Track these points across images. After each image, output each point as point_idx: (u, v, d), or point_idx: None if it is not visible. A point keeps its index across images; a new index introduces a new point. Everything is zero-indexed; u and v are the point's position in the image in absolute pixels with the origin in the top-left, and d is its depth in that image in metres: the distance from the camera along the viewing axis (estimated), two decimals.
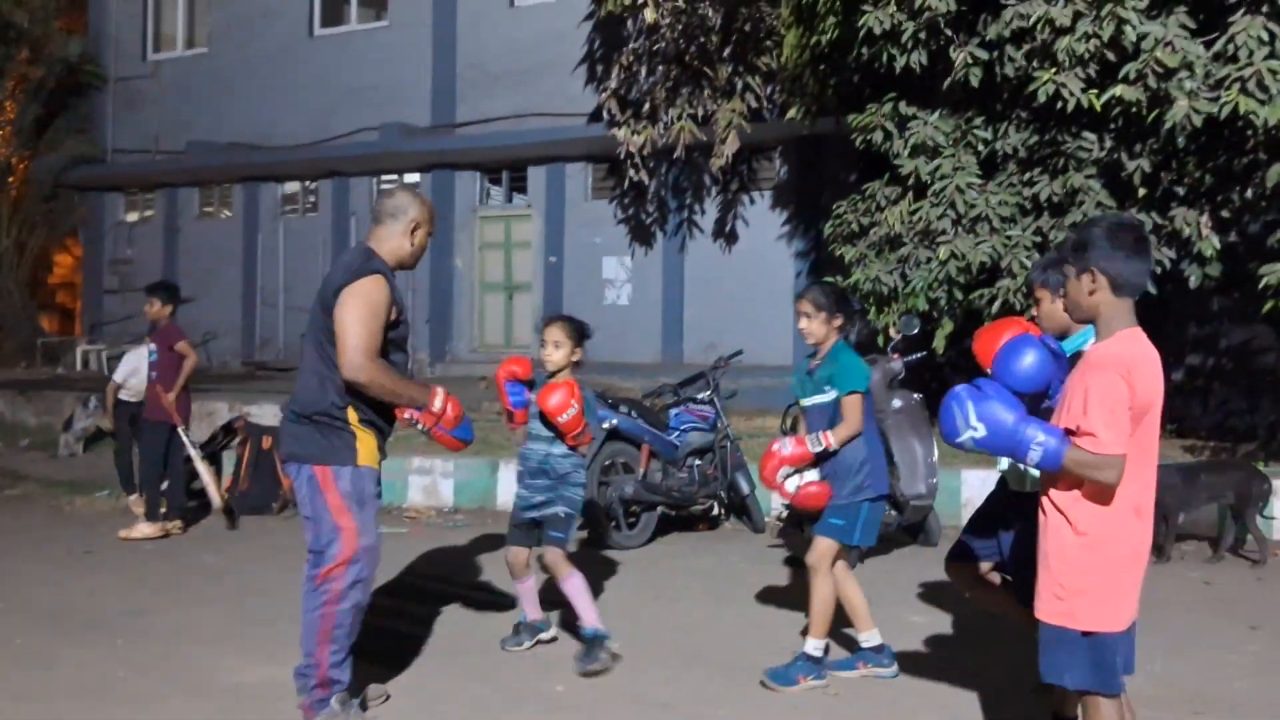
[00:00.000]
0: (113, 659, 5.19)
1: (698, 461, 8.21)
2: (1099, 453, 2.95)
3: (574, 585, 5.01)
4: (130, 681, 4.88)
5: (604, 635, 4.97)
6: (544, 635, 5.31)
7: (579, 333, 5.11)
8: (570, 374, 5.09)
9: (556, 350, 5.03)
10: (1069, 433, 3.01)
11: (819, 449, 4.70)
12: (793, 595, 6.51)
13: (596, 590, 6.47)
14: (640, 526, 7.92)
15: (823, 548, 4.77)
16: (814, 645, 4.77)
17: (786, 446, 4.75)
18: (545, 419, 4.98)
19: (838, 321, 4.80)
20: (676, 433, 8.16)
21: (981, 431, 3.05)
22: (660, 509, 8.02)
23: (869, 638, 4.91)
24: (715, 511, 8.51)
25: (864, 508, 4.75)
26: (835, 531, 4.77)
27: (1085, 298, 3.09)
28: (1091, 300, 3.08)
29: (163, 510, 8.14)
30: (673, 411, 8.32)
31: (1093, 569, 3.06)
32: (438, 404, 4.23)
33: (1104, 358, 3.01)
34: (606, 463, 7.82)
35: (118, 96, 19.32)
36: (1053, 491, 3.12)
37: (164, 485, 8.19)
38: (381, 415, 4.25)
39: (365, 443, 4.16)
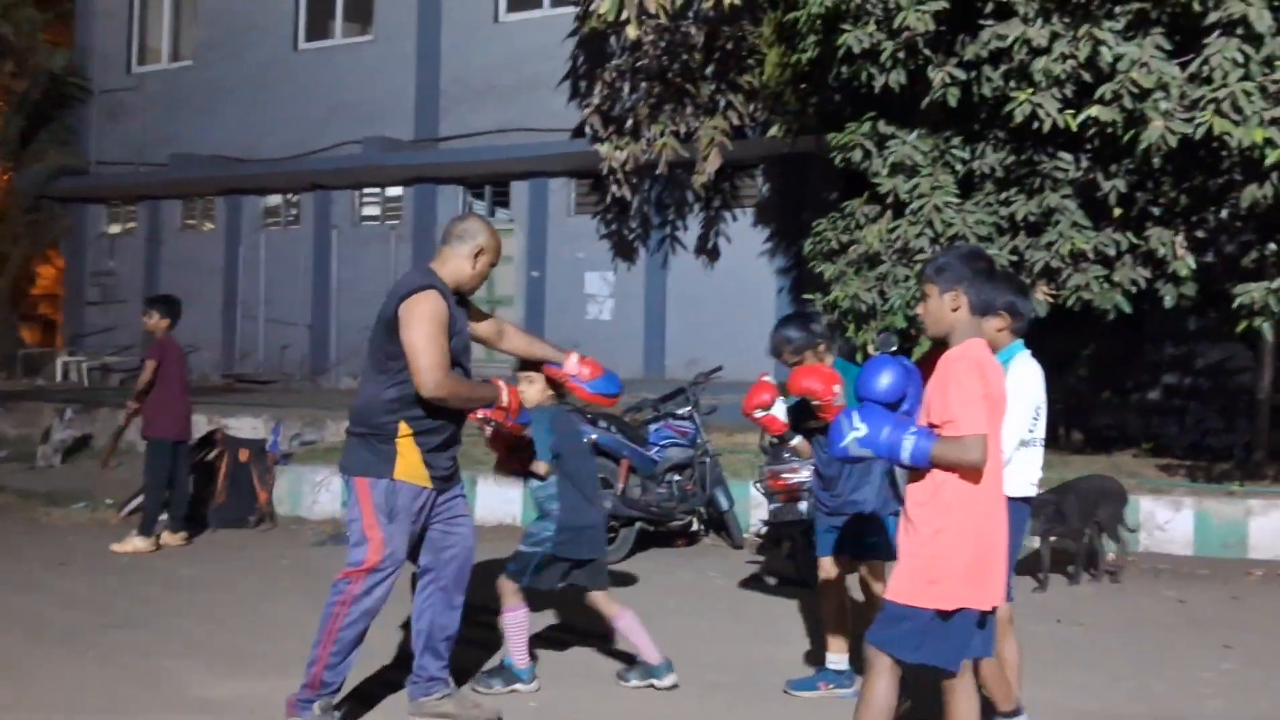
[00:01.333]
0: (86, 671, 5.17)
1: (677, 477, 8.22)
2: (959, 434, 3.27)
3: (510, 618, 4.96)
4: (103, 693, 4.85)
5: (518, 672, 4.92)
6: (658, 681, 4.94)
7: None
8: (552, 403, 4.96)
9: (530, 386, 4.89)
10: (934, 429, 3.35)
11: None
12: (772, 611, 6.52)
13: (574, 605, 6.47)
14: (619, 542, 7.91)
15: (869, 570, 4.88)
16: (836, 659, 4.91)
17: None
18: None
19: (820, 347, 4.80)
20: (656, 448, 8.16)
21: (863, 430, 3.39)
22: (639, 524, 8.01)
23: (839, 660, 4.94)
24: (694, 527, 8.51)
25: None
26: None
27: (948, 314, 3.48)
28: (953, 316, 3.48)
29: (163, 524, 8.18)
30: (652, 427, 8.32)
31: (948, 554, 3.32)
32: (505, 398, 4.40)
33: (957, 354, 3.41)
34: None
35: (102, 109, 19.26)
36: (913, 488, 3.42)
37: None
38: (453, 420, 4.34)
39: (406, 457, 4.23)
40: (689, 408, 8.37)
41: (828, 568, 4.96)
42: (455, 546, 4.49)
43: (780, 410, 4.85)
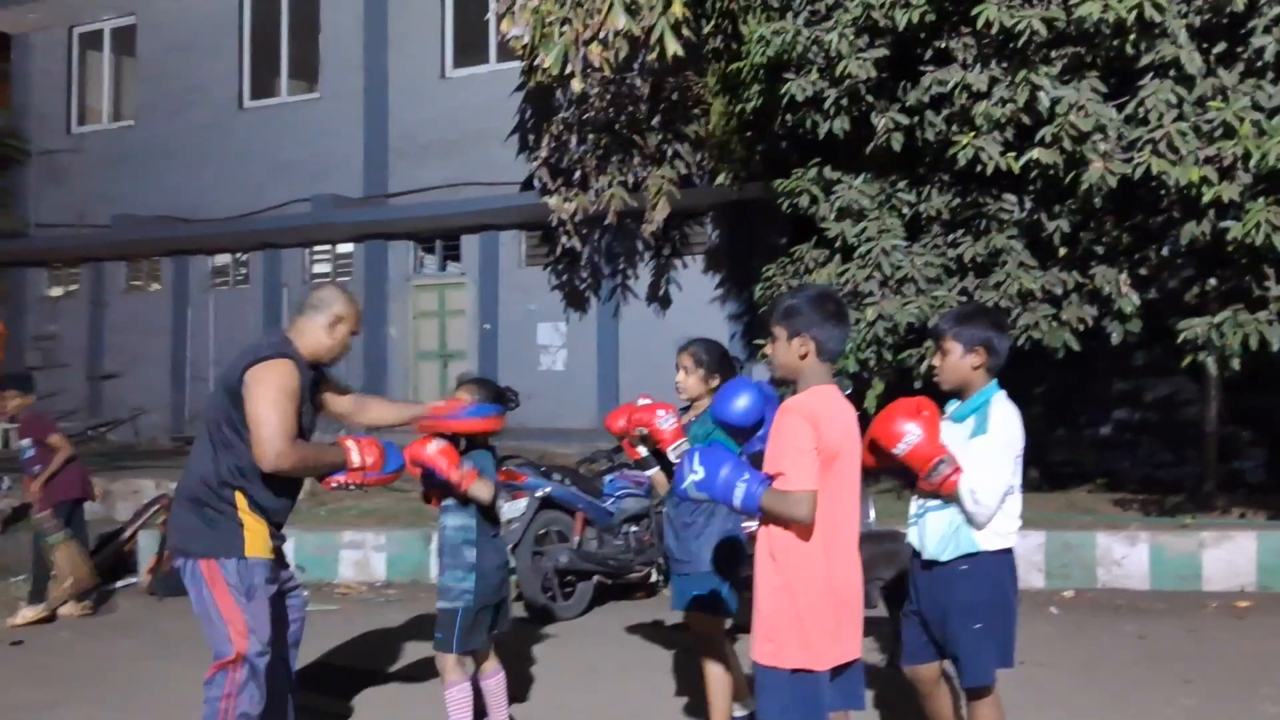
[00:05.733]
0: None
1: (634, 528, 8.13)
2: (788, 489, 3.18)
3: (451, 696, 4.59)
4: None
5: None
6: None
7: (491, 395, 4.75)
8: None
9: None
10: (771, 479, 3.24)
11: (676, 458, 4.49)
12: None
13: (532, 666, 6.34)
14: (576, 596, 7.80)
15: (701, 625, 4.67)
16: None
17: (667, 420, 4.49)
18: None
19: (714, 382, 4.66)
20: (611, 499, 8.08)
21: (701, 474, 3.29)
22: (596, 578, 7.90)
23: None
24: (653, 578, 8.40)
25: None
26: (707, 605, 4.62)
27: (795, 360, 3.36)
28: (801, 363, 3.35)
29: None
30: (607, 478, 8.25)
31: (790, 610, 3.24)
32: (355, 458, 4.15)
33: (793, 405, 3.30)
34: (540, 532, 7.71)
35: (41, 170, 19.01)
36: (761, 537, 3.33)
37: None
38: (285, 494, 4.14)
39: (253, 531, 4.02)
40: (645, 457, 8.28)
41: (690, 624, 4.82)
42: (295, 612, 4.42)
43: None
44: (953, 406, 3.93)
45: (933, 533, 3.84)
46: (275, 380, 3.94)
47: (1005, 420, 3.81)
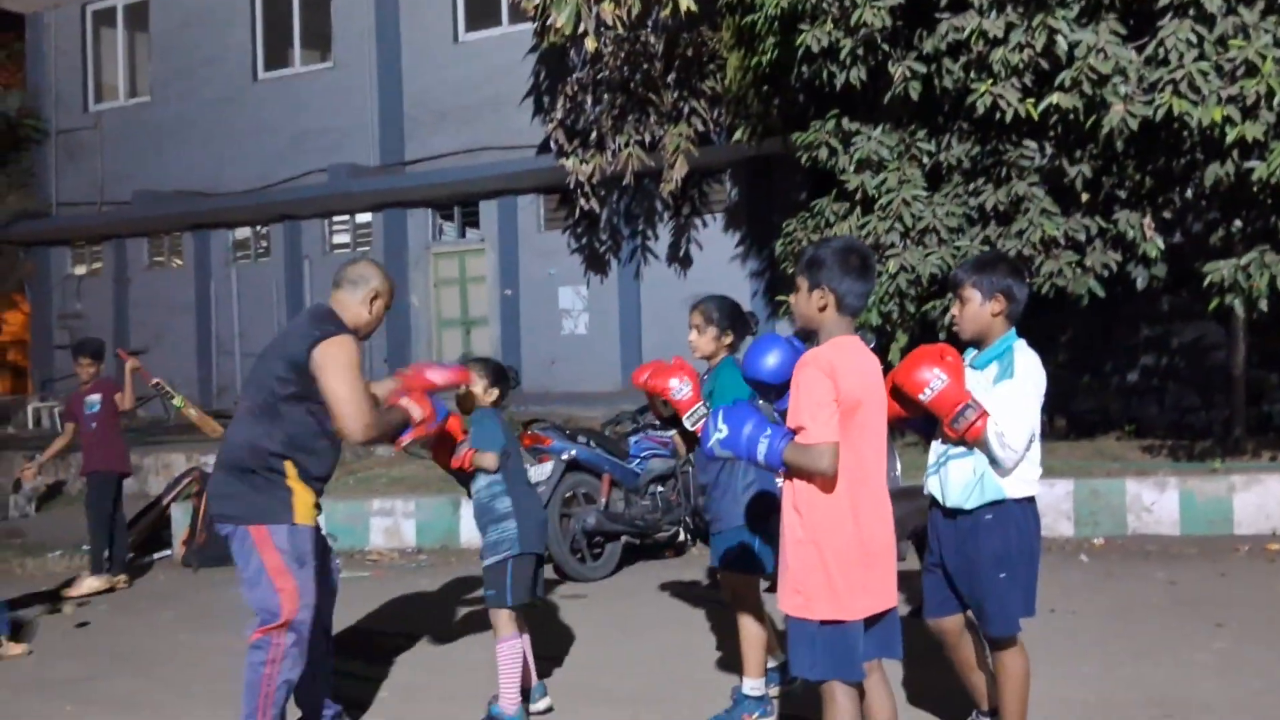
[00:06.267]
0: None
1: (660, 488, 8.16)
2: (809, 443, 3.19)
3: (502, 651, 4.60)
4: None
5: None
6: (536, 705, 4.78)
7: (493, 374, 4.82)
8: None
9: (475, 385, 4.80)
10: (794, 433, 3.25)
11: (692, 426, 4.44)
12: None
13: (562, 626, 6.40)
14: (605, 557, 7.85)
15: (734, 582, 4.68)
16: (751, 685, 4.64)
17: (685, 389, 4.43)
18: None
19: (728, 339, 4.65)
20: (637, 460, 8.10)
21: (725, 432, 3.32)
22: (625, 538, 7.95)
23: (754, 686, 4.66)
24: (681, 538, 8.46)
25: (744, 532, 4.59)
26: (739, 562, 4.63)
27: (815, 311, 3.38)
28: (820, 315, 3.37)
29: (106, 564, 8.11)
30: (632, 439, 8.27)
31: (817, 563, 3.25)
32: (417, 413, 4.31)
33: (811, 358, 3.30)
34: (568, 494, 7.75)
35: (60, 149, 19.10)
36: (786, 491, 3.35)
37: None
38: (332, 462, 4.26)
39: (301, 499, 4.11)
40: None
41: (723, 582, 4.85)
42: (331, 577, 4.50)
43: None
44: (971, 355, 3.88)
45: (956, 481, 3.79)
46: (345, 357, 4.07)
47: (1030, 365, 3.77)
